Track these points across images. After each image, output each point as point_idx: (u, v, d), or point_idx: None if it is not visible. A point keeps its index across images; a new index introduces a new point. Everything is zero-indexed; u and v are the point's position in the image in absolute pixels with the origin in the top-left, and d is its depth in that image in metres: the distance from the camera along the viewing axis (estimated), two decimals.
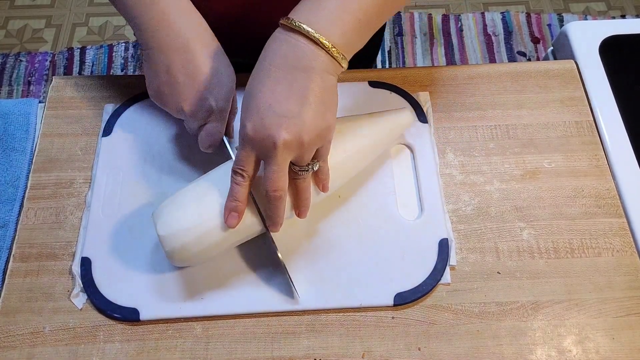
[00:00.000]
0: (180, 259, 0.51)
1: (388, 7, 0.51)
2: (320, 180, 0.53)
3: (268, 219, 0.51)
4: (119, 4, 0.55)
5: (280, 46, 0.46)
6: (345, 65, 0.48)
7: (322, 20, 0.46)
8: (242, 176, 0.48)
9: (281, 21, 0.47)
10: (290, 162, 0.48)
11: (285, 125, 0.45)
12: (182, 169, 0.62)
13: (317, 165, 0.50)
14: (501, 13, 1.83)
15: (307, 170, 0.49)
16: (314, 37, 0.45)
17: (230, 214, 0.50)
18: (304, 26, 0.45)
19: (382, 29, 0.85)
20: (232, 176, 0.49)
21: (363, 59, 0.87)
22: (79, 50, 1.76)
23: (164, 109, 0.58)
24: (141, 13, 0.54)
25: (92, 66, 1.74)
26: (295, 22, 0.46)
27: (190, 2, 0.57)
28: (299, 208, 0.52)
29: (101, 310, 0.55)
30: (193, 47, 0.54)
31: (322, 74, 0.46)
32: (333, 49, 0.46)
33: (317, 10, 0.46)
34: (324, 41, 0.45)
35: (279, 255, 0.53)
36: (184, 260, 0.52)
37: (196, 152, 0.60)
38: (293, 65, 0.46)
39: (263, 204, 0.51)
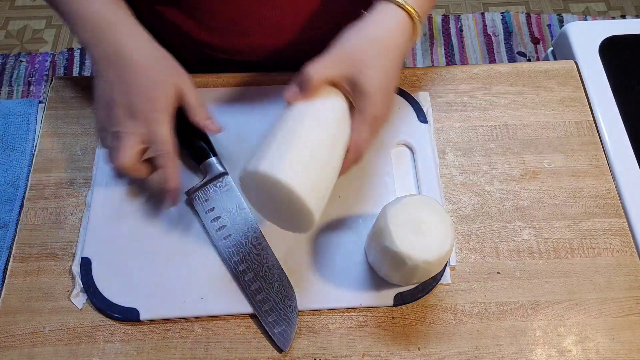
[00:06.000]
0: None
1: None
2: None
3: (349, 167, 0.53)
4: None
5: (395, 28, 0.50)
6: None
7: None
8: (367, 150, 0.51)
9: None
10: None
11: (391, 104, 0.52)
12: (182, 168, 0.62)
13: None
14: (501, 13, 1.83)
15: None
16: (415, 18, 0.51)
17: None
18: (411, 9, 0.50)
19: None
20: (360, 145, 0.50)
21: None
22: (79, 50, 1.76)
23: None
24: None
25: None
26: (406, 5, 0.50)
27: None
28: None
29: (101, 310, 0.55)
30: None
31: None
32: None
33: None
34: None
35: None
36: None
37: None
38: (402, 50, 0.50)
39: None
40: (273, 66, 0.70)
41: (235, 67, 0.71)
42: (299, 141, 0.47)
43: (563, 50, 0.76)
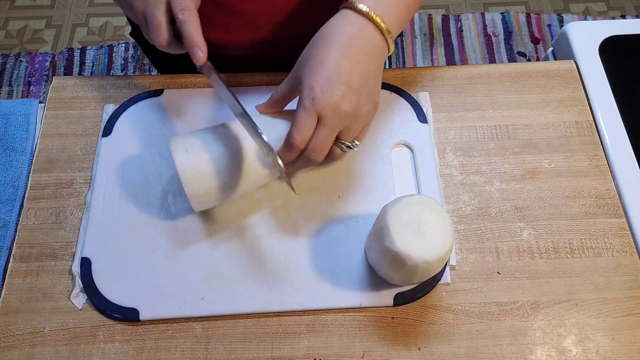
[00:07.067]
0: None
1: None
2: (337, 158, 0.55)
3: (285, 161, 0.52)
4: None
5: (350, 28, 0.51)
6: (392, 51, 0.54)
7: (386, 11, 0.52)
8: (301, 141, 0.50)
9: (349, 5, 0.52)
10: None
11: (349, 96, 0.49)
12: None
13: (358, 147, 0.54)
14: (501, 13, 1.83)
15: (350, 148, 0.54)
16: (382, 28, 0.51)
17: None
18: (377, 18, 0.51)
19: None
20: (291, 135, 0.50)
21: None
22: (79, 50, 1.76)
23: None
24: None
25: (92, 66, 1.74)
26: (370, 13, 0.51)
27: None
28: (319, 161, 0.53)
29: (101, 310, 0.55)
30: None
31: (379, 60, 0.53)
32: (390, 38, 0.52)
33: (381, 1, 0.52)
34: (388, 32, 0.52)
35: (264, 138, 0.51)
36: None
37: None
38: (360, 47, 0.51)
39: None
40: (266, 62, 0.70)
41: (231, 63, 0.71)
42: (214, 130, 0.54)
43: (563, 50, 0.76)
